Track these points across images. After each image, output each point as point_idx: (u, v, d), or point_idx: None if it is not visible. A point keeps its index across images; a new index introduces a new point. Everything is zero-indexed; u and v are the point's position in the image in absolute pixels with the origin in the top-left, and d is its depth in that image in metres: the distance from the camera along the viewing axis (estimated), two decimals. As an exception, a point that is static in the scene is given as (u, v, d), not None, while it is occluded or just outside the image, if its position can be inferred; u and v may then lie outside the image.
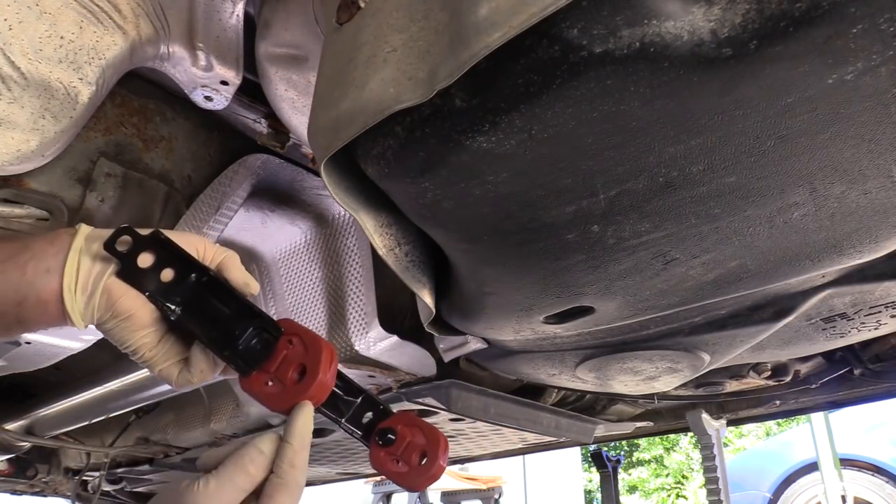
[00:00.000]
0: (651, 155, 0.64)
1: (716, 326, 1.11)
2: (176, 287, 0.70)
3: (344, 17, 0.69)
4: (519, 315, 1.01)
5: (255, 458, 0.64)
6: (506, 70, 0.57)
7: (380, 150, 0.68)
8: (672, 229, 0.76)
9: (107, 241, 0.67)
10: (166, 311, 0.69)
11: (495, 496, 5.80)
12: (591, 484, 12.46)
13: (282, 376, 0.69)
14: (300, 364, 0.69)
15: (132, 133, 1.16)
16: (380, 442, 0.75)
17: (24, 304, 0.65)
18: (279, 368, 0.69)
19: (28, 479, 2.81)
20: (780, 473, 4.61)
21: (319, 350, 0.69)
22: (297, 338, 0.70)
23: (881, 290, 1.01)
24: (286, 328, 0.71)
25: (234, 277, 0.73)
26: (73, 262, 0.66)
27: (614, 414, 2.12)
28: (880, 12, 0.50)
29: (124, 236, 0.68)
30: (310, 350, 0.69)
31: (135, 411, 2.24)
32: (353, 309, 1.41)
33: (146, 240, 0.69)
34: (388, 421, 0.77)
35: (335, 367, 0.70)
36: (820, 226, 0.76)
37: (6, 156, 0.83)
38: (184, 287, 0.70)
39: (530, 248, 0.80)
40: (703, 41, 0.53)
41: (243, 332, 0.70)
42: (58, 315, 0.66)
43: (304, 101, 1.04)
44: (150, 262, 0.69)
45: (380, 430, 0.76)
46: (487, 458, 2.54)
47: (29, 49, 0.81)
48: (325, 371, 0.68)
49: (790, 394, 1.77)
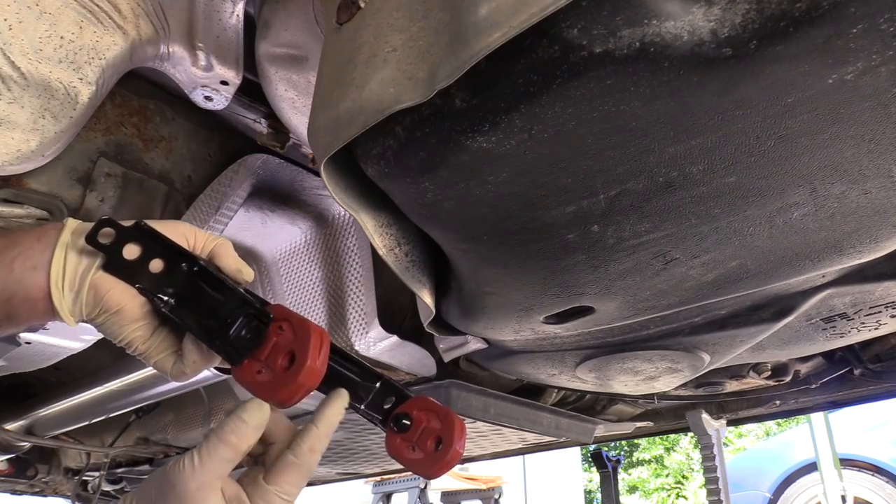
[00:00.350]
0: (651, 155, 0.64)
1: (716, 326, 1.11)
2: (166, 278, 0.68)
3: (344, 17, 0.69)
4: (519, 315, 1.01)
5: (237, 428, 0.63)
6: (506, 70, 0.57)
7: (380, 150, 0.68)
8: (672, 229, 0.76)
9: (88, 233, 0.65)
10: (157, 303, 0.68)
11: (495, 496, 5.79)
12: (591, 484, 12.46)
13: (272, 364, 0.66)
14: (290, 351, 0.66)
15: (132, 133, 1.16)
16: (395, 428, 0.73)
17: (12, 301, 0.64)
18: (269, 356, 0.67)
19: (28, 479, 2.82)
20: (780, 473, 4.61)
21: (308, 335, 0.66)
22: (286, 323, 0.68)
23: (881, 290, 1.01)
24: (276, 314, 0.69)
25: (226, 265, 0.71)
26: (60, 257, 0.65)
27: (614, 414, 2.12)
28: (880, 12, 0.50)
29: (106, 228, 0.66)
30: (299, 335, 0.67)
31: (135, 411, 2.24)
32: (353, 309, 1.41)
33: (130, 231, 0.68)
34: (404, 406, 0.74)
35: (326, 351, 0.68)
36: (820, 226, 0.76)
37: (6, 156, 0.83)
38: (174, 277, 0.68)
39: (530, 248, 0.80)
40: (703, 41, 0.53)
41: (234, 321, 0.68)
42: (47, 311, 0.65)
43: (304, 101, 1.04)
44: (136, 253, 0.67)
45: (395, 416, 0.74)
46: (487, 458, 2.54)
47: (29, 49, 0.81)
48: (314, 357, 0.65)
49: (790, 394, 1.77)
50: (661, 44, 0.52)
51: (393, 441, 0.74)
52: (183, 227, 0.71)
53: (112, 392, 1.93)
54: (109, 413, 2.06)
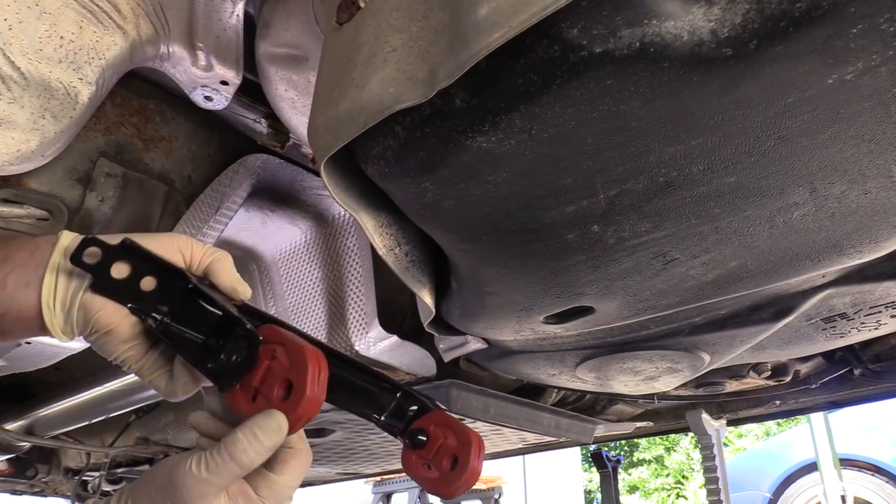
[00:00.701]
0: (651, 155, 0.64)
1: (716, 326, 1.11)
2: (158, 296, 0.65)
3: (344, 17, 0.69)
4: (519, 315, 1.01)
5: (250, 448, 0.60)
6: (506, 70, 0.57)
7: (380, 150, 0.68)
8: (672, 229, 0.76)
9: (73, 254, 0.63)
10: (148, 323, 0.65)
11: (495, 496, 5.79)
12: (591, 484, 12.46)
13: (268, 392, 0.61)
14: (286, 379, 0.61)
15: (132, 133, 1.16)
16: (410, 444, 0.70)
17: (5, 317, 0.63)
18: (264, 383, 0.62)
19: (28, 479, 2.82)
20: (780, 473, 4.61)
21: (305, 363, 0.61)
22: (280, 348, 0.62)
23: (881, 290, 1.01)
24: (268, 337, 0.64)
25: (220, 282, 0.69)
26: (52, 276, 0.63)
27: (614, 414, 2.12)
28: (880, 12, 0.50)
29: (91, 247, 0.64)
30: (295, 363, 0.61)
31: (135, 411, 2.24)
32: (353, 309, 1.41)
33: (115, 249, 0.64)
34: (420, 420, 0.71)
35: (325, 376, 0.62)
36: (820, 226, 0.76)
37: (6, 156, 0.82)
38: (166, 295, 0.65)
39: (530, 248, 0.80)
40: (703, 41, 0.53)
41: (225, 344, 0.64)
42: (40, 329, 0.64)
43: (304, 101, 1.04)
44: (126, 272, 0.64)
45: (411, 431, 0.71)
46: (487, 458, 2.54)
47: (29, 49, 0.81)
48: (312, 386, 0.60)
49: (790, 394, 1.77)
50: (661, 44, 0.52)
51: (409, 457, 0.71)
52: (179, 241, 0.69)
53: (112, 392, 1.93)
54: (109, 413, 2.05)
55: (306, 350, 0.62)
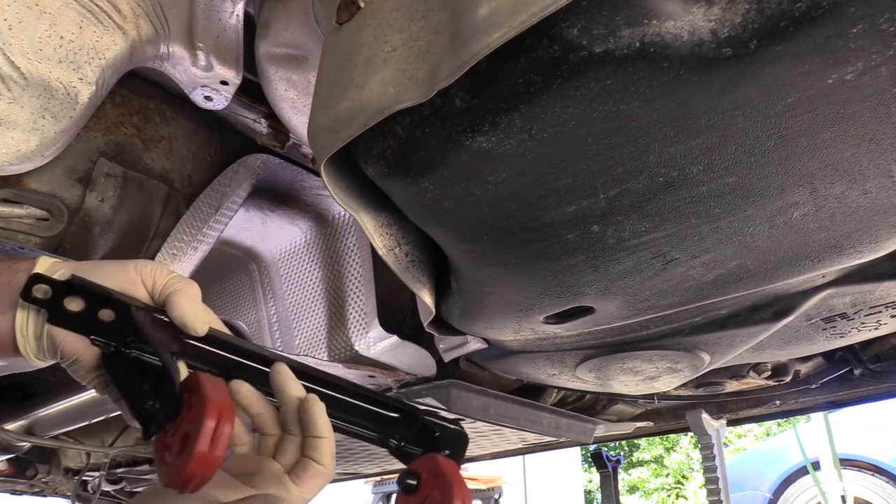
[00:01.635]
0: (651, 155, 0.64)
1: (716, 326, 1.11)
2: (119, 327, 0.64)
3: (344, 17, 0.69)
4: (519, 315, 1.01)
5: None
6: (506, 70, 0.57)
7: (380, 150, 0.68)
8: (672, 229, 0.76)
9: (22, 291, 0.63)
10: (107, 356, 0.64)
11: (495, 496, 5.79)
12: (591, 484, 12.46)
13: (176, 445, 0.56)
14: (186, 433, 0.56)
15: (132, 133, 1.16)
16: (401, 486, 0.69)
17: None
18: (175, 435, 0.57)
19: (28, 479, 2.81)
20: (780, 473, 4.61)
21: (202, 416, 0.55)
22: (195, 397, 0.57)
23: (881, 290, 1.01)
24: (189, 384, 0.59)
25: (174, 317, 0.67)
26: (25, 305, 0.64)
27: (614, 414, 2.12)
28: (880, 12, 0.50)
29: (38, 285, 0.62)
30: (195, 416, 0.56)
31: (135, 411, 2.24)
32: (353, 309, 1.41)
33: (64, 285, 0.63)
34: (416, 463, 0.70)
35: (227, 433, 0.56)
36: (820, 226, 0.76)
37: (6, 156, 0.82)
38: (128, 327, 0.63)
39: (530, 248, 0.80)
40: (703, 41, 0.53)
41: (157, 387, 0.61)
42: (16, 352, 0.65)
43: (304, 101, 1.04)
44: (81, 305, 0.63)
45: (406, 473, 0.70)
46: (487, 458, 2.54)
47: (29, 49, 0.81)
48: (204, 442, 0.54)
49: (790, 394, 1.77)
50: (661, 44, 0.52)
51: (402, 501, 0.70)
52: (141, 268, 0.68)
53: (112, 392, 1.92)
54: (109, 413, 2.05)
55: (208, 402, 0.56)
